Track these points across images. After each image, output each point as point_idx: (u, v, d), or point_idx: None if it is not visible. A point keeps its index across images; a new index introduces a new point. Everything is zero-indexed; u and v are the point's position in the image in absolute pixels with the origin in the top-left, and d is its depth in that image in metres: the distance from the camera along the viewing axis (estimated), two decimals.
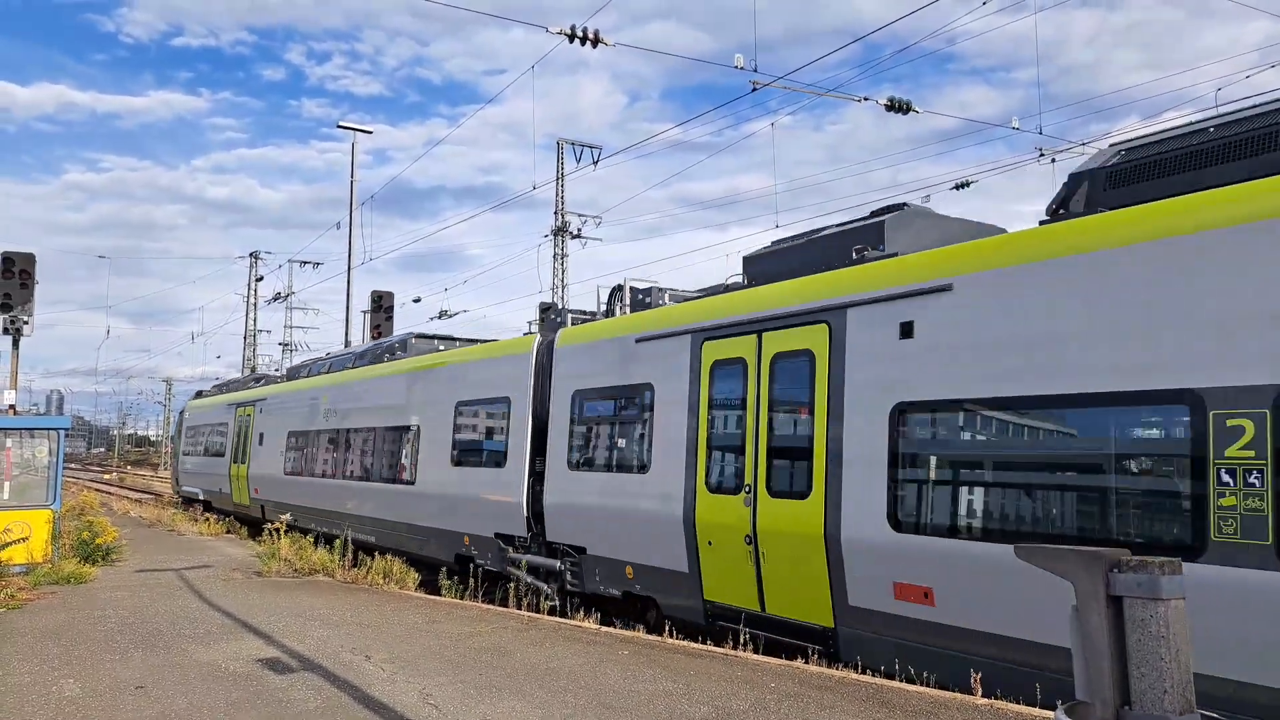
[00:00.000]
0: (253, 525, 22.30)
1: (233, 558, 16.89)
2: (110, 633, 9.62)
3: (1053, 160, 21.80)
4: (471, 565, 13.51)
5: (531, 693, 7.05)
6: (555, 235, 36.70)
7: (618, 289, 12.58)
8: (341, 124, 28.72)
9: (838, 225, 9.60)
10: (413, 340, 18.37)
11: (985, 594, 6.70)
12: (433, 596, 12.66)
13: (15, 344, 21.83)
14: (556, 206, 36.77)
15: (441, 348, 17.39)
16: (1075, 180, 7.19)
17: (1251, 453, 5.45)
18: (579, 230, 36.83)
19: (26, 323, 21.11)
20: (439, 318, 33.54)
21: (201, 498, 28.44)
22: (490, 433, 13.53)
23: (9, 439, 14.82)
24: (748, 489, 8.85)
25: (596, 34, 13.85)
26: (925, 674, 7.15)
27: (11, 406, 22.65)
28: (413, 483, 15.43)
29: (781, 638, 8.56)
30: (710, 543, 9.28)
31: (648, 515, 10.13)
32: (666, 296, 11.72)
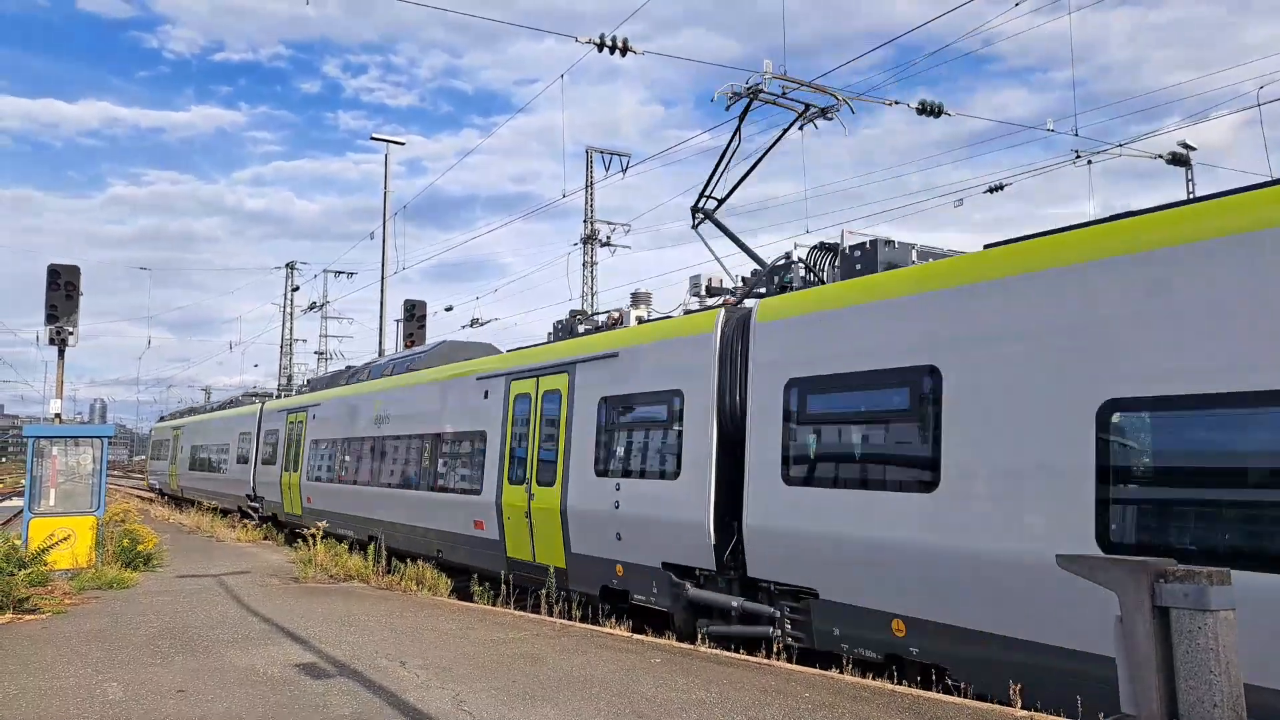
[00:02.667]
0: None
1: (270, 564, 17.10)
2: (152, 637, 9.78)
3: (1089, 162, 21.47)
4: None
5: (565, 700, 7.05)
6: (585, 243, 36.84)
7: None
8: (375, 136, 29.07)
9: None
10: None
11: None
12: (465, 603, 12.71)
13: (61, 354, 22.31)
14: (586, 215, 36.92)
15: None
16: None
17: None
18: (608, 238, 36.95)
19: (71, 333, 21.57)
20: (470, 326, 33.79)
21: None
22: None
23: (55, 447, 15.16)
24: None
25: (625, 42, 13.89)
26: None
27: (57, 415, 23.16)
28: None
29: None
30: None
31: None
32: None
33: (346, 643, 9.39)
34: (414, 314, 29.00)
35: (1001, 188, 22.86)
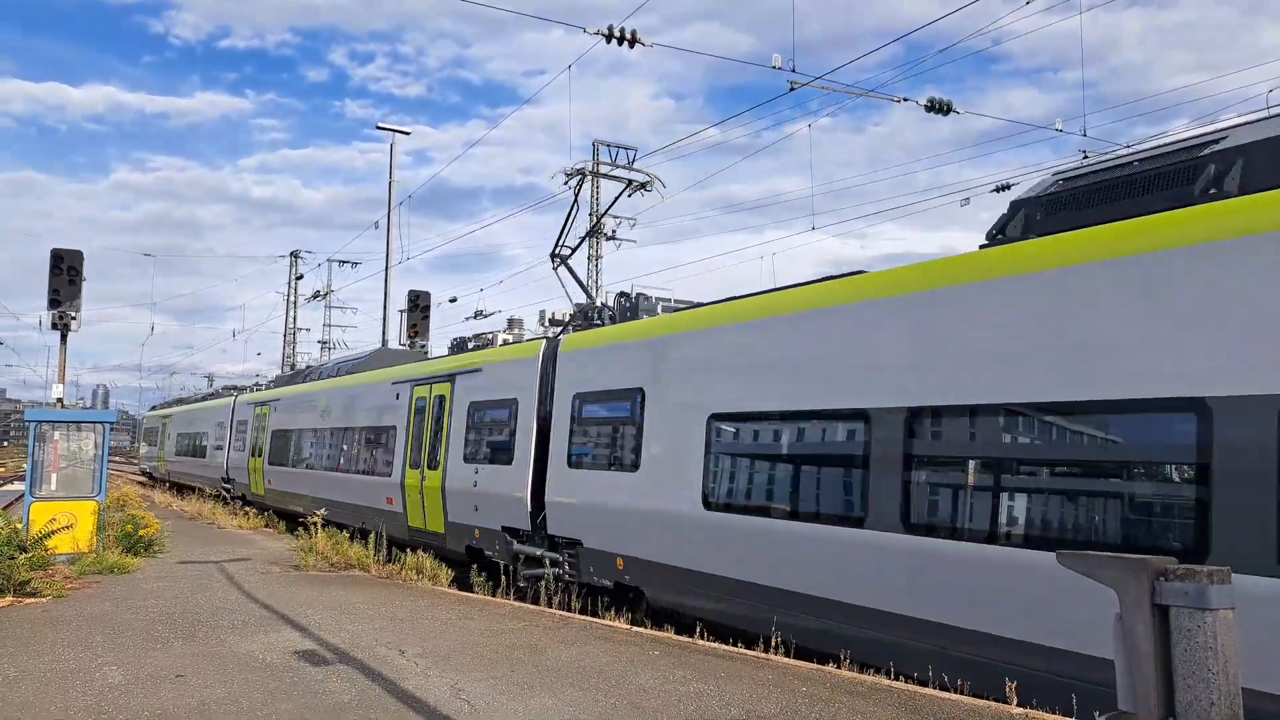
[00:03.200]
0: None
1: (271, 551, 17.15)
2: (152, 622, 9.82)
3: None
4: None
5: (563, 690, 7.07)
6: (589, 237, 36.81)
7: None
8: (381, 125, 29.07)
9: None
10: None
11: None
12: (465, 593, 12.75)
13: (63, 339, 22.33)
14: (591, 208, 36.89)
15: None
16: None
17: None
18: (613, 232, 36.92)
19: (74, 318, 21.58)
20: (474, 317, 33.78)
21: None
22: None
23: (57, 432, 15.19)
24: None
25: (634, 34, 13.86)
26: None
27: (59, 400, 23.21)
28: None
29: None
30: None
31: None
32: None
33: (346, 630, 9.42)
34: (418, 304, 28.99)
35: (1008, 187, 22.81)
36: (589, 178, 16.38)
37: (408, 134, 29.91)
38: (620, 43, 13.75)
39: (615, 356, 11.88)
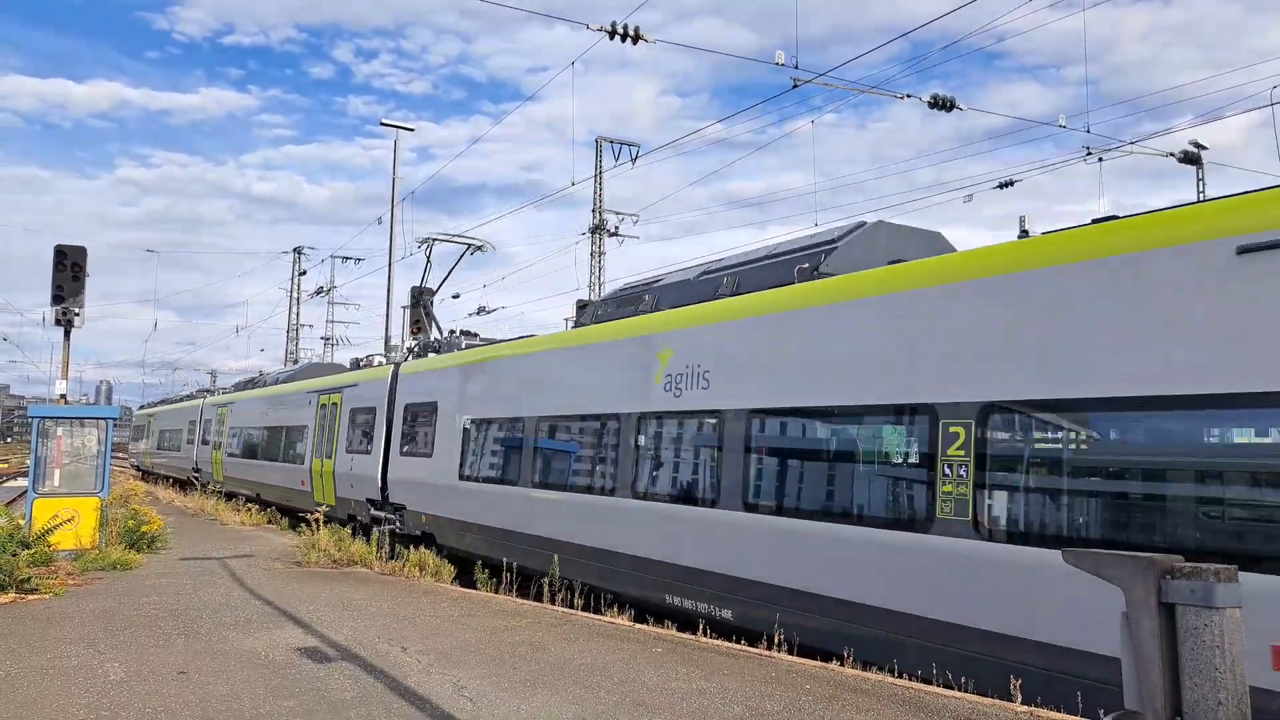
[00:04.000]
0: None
1: (273, 547, 17.16)
2: (154, 619, 9.82)
3: (1099, 160, 21.33)
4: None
5: (565, 688, 7.06)
6: (592, 233, 36.78)
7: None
8: (384, 121, 29.00)
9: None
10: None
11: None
12: (468, 590, 12.74)
13: (66, 335, 22.29)
14: (594, 204, 36.85)
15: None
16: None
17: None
18: (616, 228, 36.89)
19: (78, 314, 21.54)
20: (477, 314, 33.79)
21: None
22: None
23: (60, 428, 15.20)
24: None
25: (637, 31, 13.83)
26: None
27: (63, 396, 23.19)
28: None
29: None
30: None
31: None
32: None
33: (348, 627, 9.42)
34: (420, 300, 29.00)
35: (1011, 184, 22.75)
36: (435, 243, 21.62)
37: (411, 130, 29.83)
38: (624, 39, 13.72)
39: (424, 380, 17.63)
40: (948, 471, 7.28)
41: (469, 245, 21.34)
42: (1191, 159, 24.76)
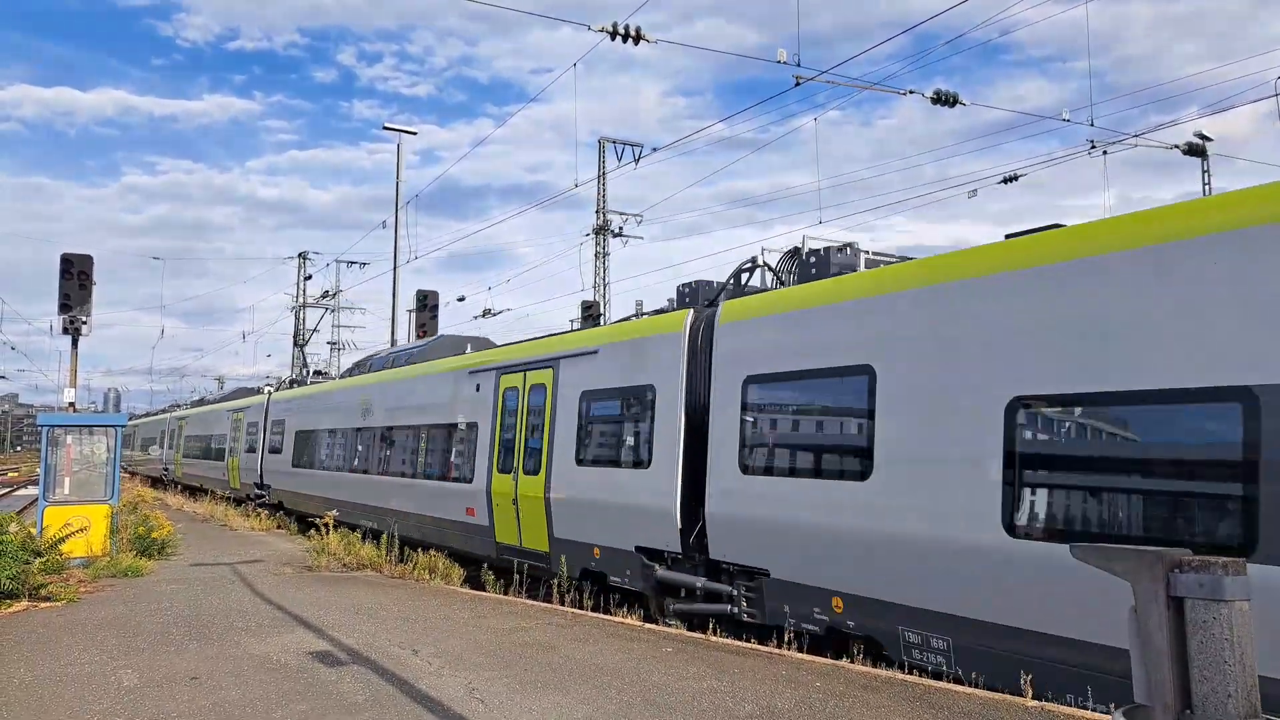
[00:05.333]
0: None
1: (283, 552, 17.22)
2: (166, 625, 9.87)
3: (1104, 153, 21.26)
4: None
5: (576, 688, 7.08)
6: (596, 234, 36.80)
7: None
8: (387, 125, 29.07)
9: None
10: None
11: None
12: (477, 592, 12.77)
13: (74, 343, 22.44)
14: (598, 205, 36.87)
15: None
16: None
17: None
18: (620, 229, 36.90)
19: (85, 322, 21.69)
20: (482, 316, 33.83)
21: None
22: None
23: (69, 436, 15.27)
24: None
25: (639, 31, 13.84)
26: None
27: (71, 404, 23.32)
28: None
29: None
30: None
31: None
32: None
33: (359, 631, 9.45)
34: (426, 304, 29.07)
35: (1016, 178, 22.69)
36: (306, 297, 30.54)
37: (414, 134, 29.92)
38: (625, 40, 13.73)
39: (280, 405, 26.58)
40: None
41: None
42: (1197, 151, 24.67)
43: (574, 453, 12.35)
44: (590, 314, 25.01)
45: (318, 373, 29.77)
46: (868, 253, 10.27)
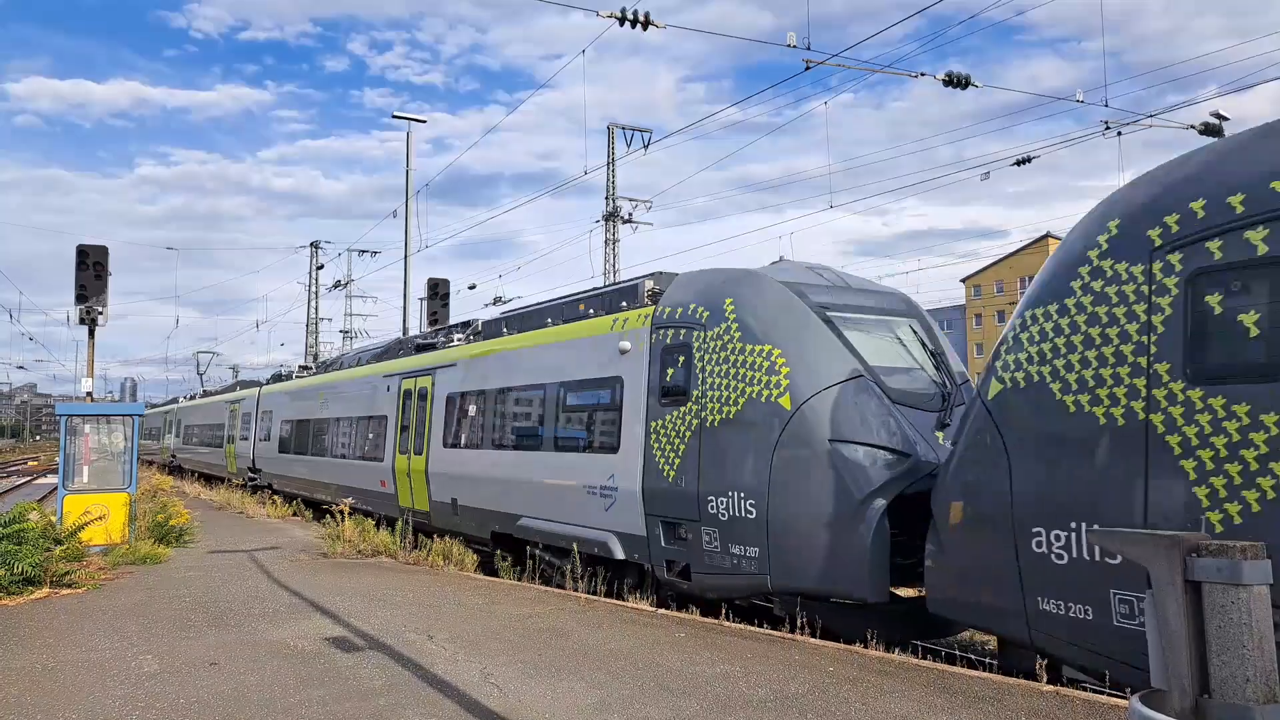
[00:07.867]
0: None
1: (299, 539, 17.35)
2: (185, 611, 9.97)
3: (1118, 134, 21.03)
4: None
5: (590, 673, 7.12)
6: (606, 221, 36.74)
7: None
8: (397, 114, 29.06)
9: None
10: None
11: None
12: (491, 578, 12.85)
13: (91, 334, 22.64)
14: (607, 191, 36.79)
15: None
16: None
17: None
18: (630, 215, 36.81)
19: (101, 313, 21.87)
20: (493, 304, 33.86)
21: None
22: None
23: (87, 425, 15.42)
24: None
25: (647, 16, 13.77)
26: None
27: (89, 394, 23.52)
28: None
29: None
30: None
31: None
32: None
33: (375, 617, 9.53)
34: (437, 292, 29.12)
35: (1029, 160, 22.49)
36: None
37: (424, 122, 29.91)
38: (634, 25, 13.66)
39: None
40: None
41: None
42: (1213, 130, 24.35)
43: (240, 435, 28.30)
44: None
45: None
46: (307, 371, 26.55)
